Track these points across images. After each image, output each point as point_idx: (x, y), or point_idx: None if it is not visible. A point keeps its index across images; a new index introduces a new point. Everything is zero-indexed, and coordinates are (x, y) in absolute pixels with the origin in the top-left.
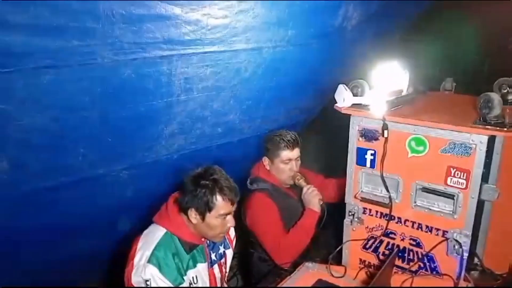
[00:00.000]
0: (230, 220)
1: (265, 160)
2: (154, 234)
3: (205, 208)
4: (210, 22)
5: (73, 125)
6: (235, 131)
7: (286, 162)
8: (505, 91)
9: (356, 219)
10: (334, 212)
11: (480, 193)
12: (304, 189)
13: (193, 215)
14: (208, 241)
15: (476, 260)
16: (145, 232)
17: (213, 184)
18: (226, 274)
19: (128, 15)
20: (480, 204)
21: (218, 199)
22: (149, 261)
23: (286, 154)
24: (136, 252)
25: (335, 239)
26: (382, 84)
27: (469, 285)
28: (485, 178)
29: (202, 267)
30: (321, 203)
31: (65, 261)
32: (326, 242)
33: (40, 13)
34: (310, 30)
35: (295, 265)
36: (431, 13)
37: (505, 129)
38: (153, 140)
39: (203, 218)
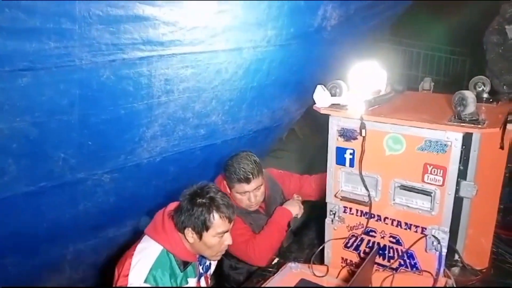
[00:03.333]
0: (228, 238)
1: (226, 184)
2: (150, 251)
3: (202, 227)
4: (189, 23)
5: (52, 129)
6: (218, 132)
7: (243, 194)
8: (480, 89)
9: (337, 218)
10: (317, 213)
11: (458, 190)
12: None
13: (190, 234)
14: (198, 256)
15: (456, 256)
16: (139, 246)
17: (209, 202)
18: (210, 284)
19: (105, 16)
20: (459, 201)
21: (216, 217)
22: (145, 280)
23: (241, 187)
24: (131, 269)
25: (318, 239)
26: (360, 83)
27: (449, 281)
28: (463, 175)
29: (192, 281)
30: (297, 214)
31: (46, 267)
32: (310, 242)
33: (16, 15)
34: (290, 31)
35: (278, 266)
36: (412, 15)
37: (479, 126)
38: (134, 143)
39: (200, 237)
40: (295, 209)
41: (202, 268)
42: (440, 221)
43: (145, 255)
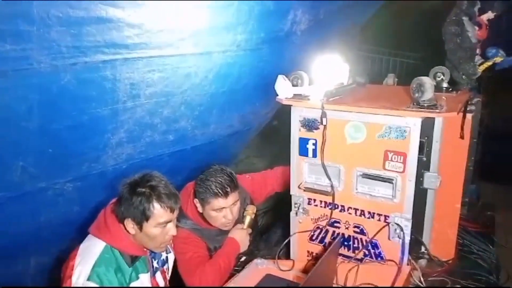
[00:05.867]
0: (172, 229)
1: (196, 203)
2: (92, 249)
3: (142, 217)
4: (155, 26)
5: (10, 136)
6: (188, 138)
7: (219, 211)
8: (440, 78)
9: (301, 211)
10: (285, 211)
11: (422, 181)
12: (240, 226)
13: (130, 225)
14: (150, 251)
15: (423, 248)
16: (82, 246)
17: (150, 191)
18: (168, 279)
19: (65, 17)
20: (424, 192)
21: (156, 207)
22: (89, 278)
23: (218, 202)
24: (74, 269)
25: (286, 236)
26: (323, 76)
27: (416, 272)
28: (426, 166)
29: (145, 277)
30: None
31: (6, 281)
32: (278, 239)
33: None
34: (260, 35)
35: (246, 263)
36: (381, 21)
37: (437, 111)
38: (99, 150)
39: (140, 228)
40: (243, 244)
41: (157, 263)
42: (402, 208)
43: (88, 253)
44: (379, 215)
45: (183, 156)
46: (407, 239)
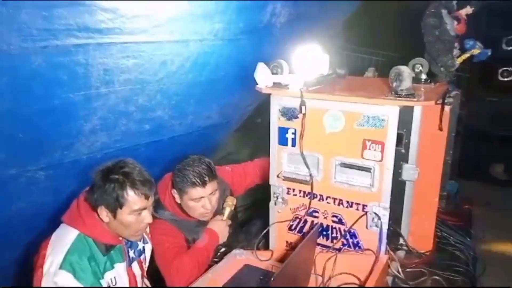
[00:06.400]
0: (147, 216)
1: (174, 193)
2: (65, 238)
3: (115, 205)
4: (130, 11)
5: None
6: (165, 128)
7: (197, 200)
8: (418, 70)
9: (280, 200)
10: (265, 202)
11: (401, 173)
12: (219, 217)
13: (104, 213)
14: (126, 240)
15: (401, 240)
16: (54, 235)
17: (123, 178)
18: (145, 269)
19: None
20: (402, 184)
21: (130, 193)
22: (61, 267)
23: (196, 192)
24: (46, 258)
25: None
26: (302, 66)
27: (394, 263)
28: (405, 158)
29: (120, 267)
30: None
31: None
32: (257, 231)
33: None
34: (239, 25)
35: (225, 254)
36: (364, 15)
37: (415, 99)
38: (71, 137)
39: (114, 216)
40: (222, 236)
41: (134, 253)
42: (380, 197)
43: (60, 242)
44: (357, 204)
45: (160, 147)
46: (385, 228)
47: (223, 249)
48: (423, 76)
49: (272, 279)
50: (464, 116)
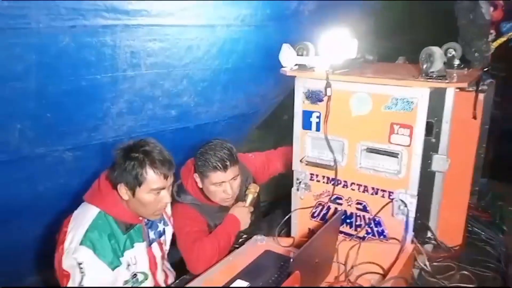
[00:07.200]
0: (166, 196)
1: (196, 177)
2: (86, 215)
3: (134, 183)
4: None
5: (6, 96)
6: (191, 115)
7: (218, 185)
8: (451, 55)
9: (303, 186)
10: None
11: (430, 164)
12: (241, 203)
13: (123, 190)
14: (146, 220)
15: (429, 233)
16: (75, 213)
17: (143, 156)
18: (166, 252)
19: None
20: (432, 175)
21: (149, 172)
22: (81, 243)
23: (217, 176)
24: (67, 234)
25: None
26: (330, 49)
27: (420, 255)
28: (435, 148)
29: (140, 246)
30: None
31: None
32: (280, 220)
33: None
34: (266, 11)
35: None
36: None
37: (447, 81)
38: (98, 119)
39: (133, 194)
40: (244, 222)
41: (154, 234)
42: (407, 184)
43: (81, 219)
44: (383, 191)
45: (186, 134)
46: (412, 216)
47: (244, 236)
48: (456, 62)
49: (291, 260)
50: (499, 117)
